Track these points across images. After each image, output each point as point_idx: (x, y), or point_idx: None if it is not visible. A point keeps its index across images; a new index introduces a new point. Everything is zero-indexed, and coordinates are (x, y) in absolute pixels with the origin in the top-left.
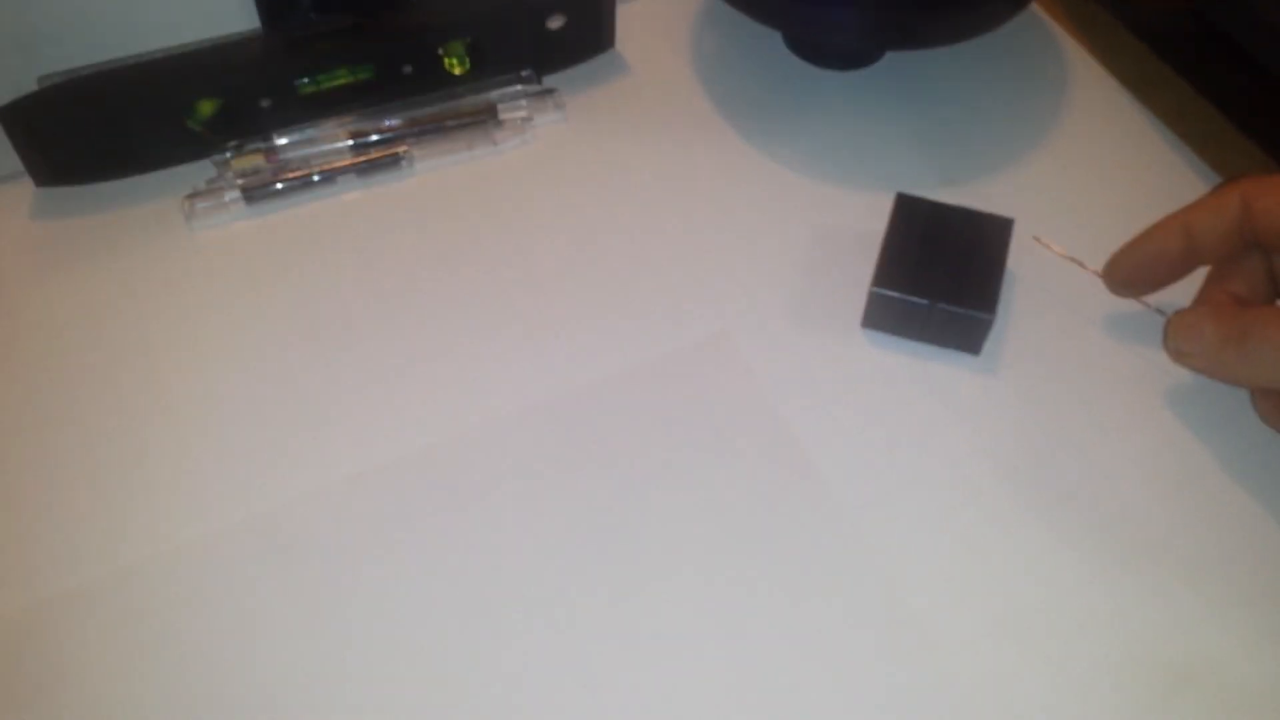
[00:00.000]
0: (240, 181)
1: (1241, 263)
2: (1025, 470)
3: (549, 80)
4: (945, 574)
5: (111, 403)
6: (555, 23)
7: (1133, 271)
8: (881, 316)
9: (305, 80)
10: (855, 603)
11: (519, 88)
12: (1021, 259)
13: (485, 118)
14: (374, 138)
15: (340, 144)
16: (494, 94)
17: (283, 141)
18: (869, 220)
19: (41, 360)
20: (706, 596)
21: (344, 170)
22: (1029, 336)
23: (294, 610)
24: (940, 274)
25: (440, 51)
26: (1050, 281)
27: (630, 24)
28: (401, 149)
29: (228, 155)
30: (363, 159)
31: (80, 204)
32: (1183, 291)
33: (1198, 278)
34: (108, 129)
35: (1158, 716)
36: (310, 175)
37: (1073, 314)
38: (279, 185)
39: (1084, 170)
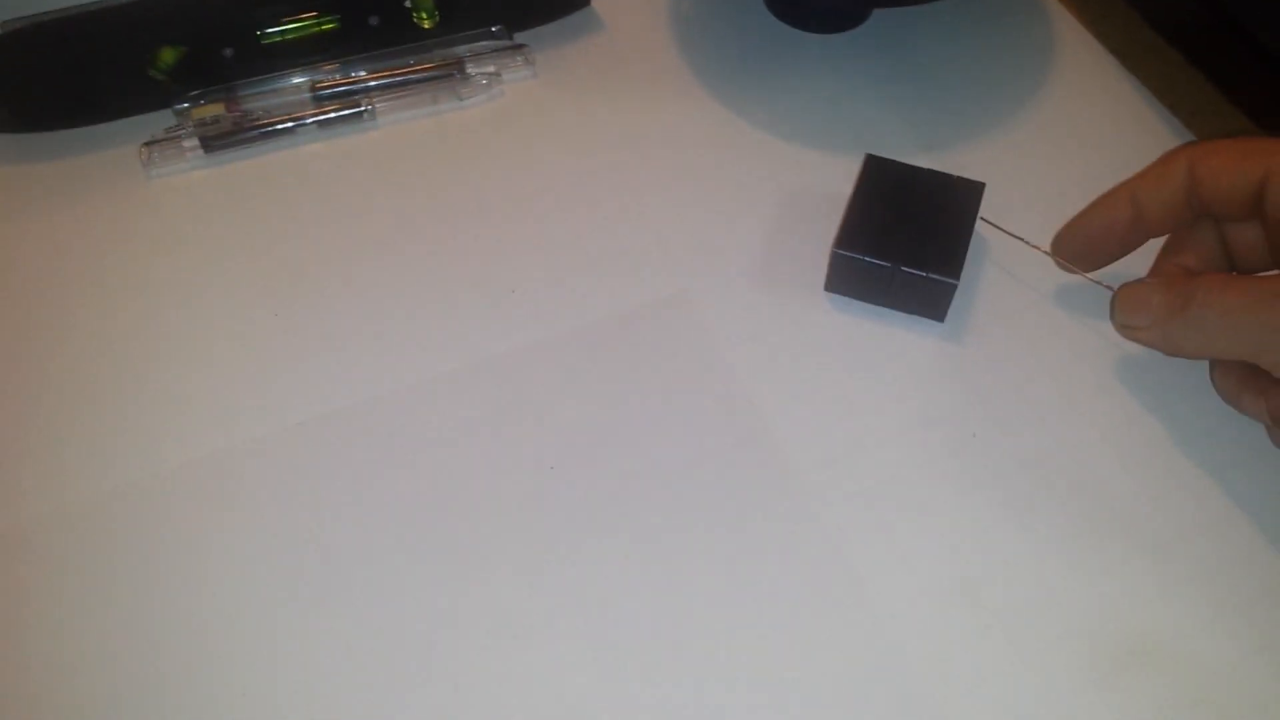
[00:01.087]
0: (199, 130)
1: (1193, 234)
2: (985, 438)
3: (522, 37)
4: (899, 539)
5: (63, 343)
6: None
7: (1081, 246)
8: (844, 279)
9: (269, 30)
10: (806, 565)
11: (488, 43)
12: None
13: (452, 72)
14: (337, 90)
15: (302, 95)
16: (462, 49)
17: (244, 92)
18: (842, 184)
19: None
20: (655, 554)
21: (305, 121)
22: (996, 303)
23: (237, 554)
24: (905, 237)
25: (408, 4)
26: (1022, 249)
27: None
28: (364, 102)
29: (188, 105)
30: (325, 111)
31: (41, 150)
32: (1137, 268)
33: (1151, 252)
34: (70, 76)
35: (1110, 689)
36: (271, 125)
37: (1043, 282)
38: (239, 135)
39: (1068, 139)
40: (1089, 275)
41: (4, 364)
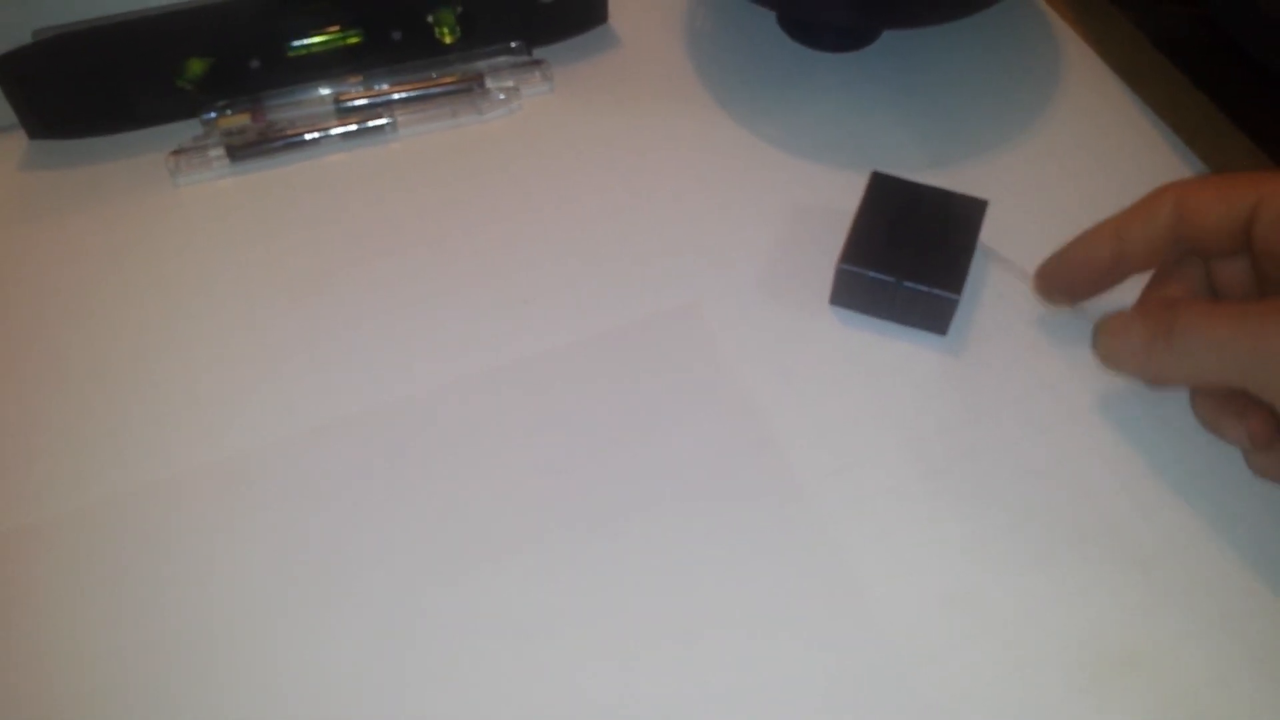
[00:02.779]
0: (226, 140)
1: (1179, 269)
2: (984, 451)
3: (540, 52)
4: (897, 549)
5: (88, 345)
6: None
7: (1063, 279)
8: (849, 293)
9: (295, 43)
10: (805, 573)
11: (508, 58)
12: (996, 241)
13: (472, 86)
14: (360, 102)
15: (326, 107)
16: (482, 64)
17: (270, 103)
18: (849, 199)
19: (25, 303)
20: (659, 559)
21: (329, 132)
22: (997, 318)
23: (254, 555)
24: (909, 253)
25: (431, 20)
26: (1022, 264)
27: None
28: (386, 114)
29: (215, 115)
30: (348, 122)
31: (70, 156)
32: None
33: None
34: (100, 84)
35: (1099, 697)
36: (295, 136)
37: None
38: (264, 145)
39: (1072, 157)
40: (1070, 307)
41: (28, 364)
